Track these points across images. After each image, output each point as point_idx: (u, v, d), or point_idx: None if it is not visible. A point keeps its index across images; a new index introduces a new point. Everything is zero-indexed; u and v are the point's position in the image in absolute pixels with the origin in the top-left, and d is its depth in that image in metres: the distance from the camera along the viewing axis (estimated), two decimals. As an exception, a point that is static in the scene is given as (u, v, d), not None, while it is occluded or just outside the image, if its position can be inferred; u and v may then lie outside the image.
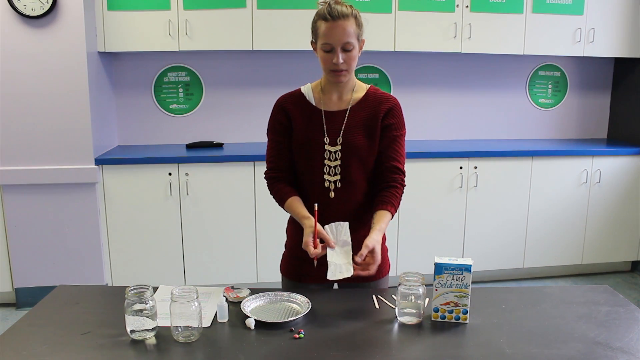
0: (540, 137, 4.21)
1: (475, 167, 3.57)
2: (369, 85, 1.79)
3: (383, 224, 1.65)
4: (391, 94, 4.02)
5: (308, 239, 1.59)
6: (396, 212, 1.70)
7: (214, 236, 3.43)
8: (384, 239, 1.77)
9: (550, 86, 4.17)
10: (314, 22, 1.66)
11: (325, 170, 1.73)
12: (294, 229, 1.80)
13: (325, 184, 1.73)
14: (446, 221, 3.62)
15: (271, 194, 1.79)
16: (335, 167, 1.72)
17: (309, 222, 1.63)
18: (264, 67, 3.81)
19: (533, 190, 3.67)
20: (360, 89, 1.77)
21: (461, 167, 3.55)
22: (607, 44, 3.80)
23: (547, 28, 3.69)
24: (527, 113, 4.18)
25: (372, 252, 1.55)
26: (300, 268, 1.79)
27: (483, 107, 4.11)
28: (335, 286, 1.84)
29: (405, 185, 1.75)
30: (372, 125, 1.71)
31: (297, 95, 1.77)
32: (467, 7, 3.57)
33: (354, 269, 1.55)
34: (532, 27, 3.67)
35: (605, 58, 4.13)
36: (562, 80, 4.18)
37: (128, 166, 3.29)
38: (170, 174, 3.32)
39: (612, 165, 3.73)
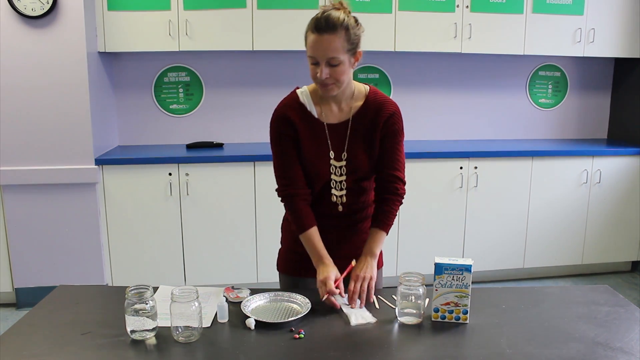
0: (540, 137, 4.21)
1: (476, 167, 3.57)
2: (368, 88, 1.73)
3: (376, 248, 1.68)
4: (392, 94, 4.03)
5: (330, 275, 1.57)
6: (391, 227, 1.72)
7: (214, 236, 3.43)
8: None
9: (550, 86, 4.17)
10: (305, 32, 1.60)
11: (332, 185, 1.72)
12: (290, 225, 1.80)
13: (333, 199, 1.73)
14: (446, 221, 3.62)
15: (290, 213, 1.72)
16: (341, 182, 1.71)
17: (325, 269, 1.61)
18: (264, 67, 3.81)
19: (533, 190, 3.67)
20: (359, 95, 1.71)
21: (461, 167, 3.55)
22: (607, 44, 3.80)
23: (547, 28, 3.69)
24: (527, 113, 4.18)
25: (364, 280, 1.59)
26: (299, 263, 1.79)
27: (483, 107, 4.11)
28: None
29: (404, 195, 1.74)
30: (372, 135, 1.69)
31: (298, 104, 1.70)
32: (467, 7, 3.57)
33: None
34: (532, 27, 3.67)
35: (605, 58, 4.13)
36: (562, 80, 4.18)
37: (128, 166, 3.29)
38: (170, 174, 3.32)
39: (612, 166, 3.73)
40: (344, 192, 1.71)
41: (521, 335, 1.40)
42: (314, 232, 1.68)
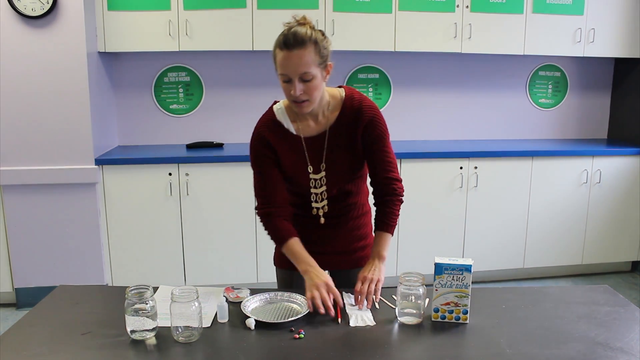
0: (540, 137, 4.21)
1: (476, 168, 3.57)
2: (343, 95, 1.69)
3: (383, 251, 1.66)
4: (392, 94, 4.00)
5: (329, 280, 1.54)
6: (394, 228, 1.72)
7: (214, 236, 3.43)
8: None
9: (550, 86, 4.17)
10: (273, 50, 1.57)
11: (312, 199, 1.73)
12: None
13: (314, 212, 1.74)
14: (446, 221, 3.62)
15: (267, 231, 1.71)
16: (321, 193, 1.72)
17: (320, 272, 1.57)
18: (264, 67, 3.80)
19: (533, 190, 3.67)
20: (335, 105, 1.68)
21: (461, 168, 3.55)
22: (607, 44, 3.80)
23: (547, 28, 3.69)
24: (527, 113, 4.18)
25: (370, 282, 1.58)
26: None
27: (483, 107, 4.11)
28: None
29: (403, 193, 1.73)
30: (352, 142, 1.68)
31: (274, 123, 1.69)
32: (467, 7, 3.57)
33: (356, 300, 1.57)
34: (532, 27, 3.67)
35: (605, 58, 4.13)
36: (562, 80, 4.18)
37: (128, 166, 3.29)
38: (170, 174, 3.32)
39: (612, 166, 3.73)
40: (324, 202, 1.72)
41: (521, 335, 1.40)
42: (295, 242, 1.66)
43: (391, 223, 1.70)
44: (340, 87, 1.73)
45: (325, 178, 1.70)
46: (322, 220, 1.74)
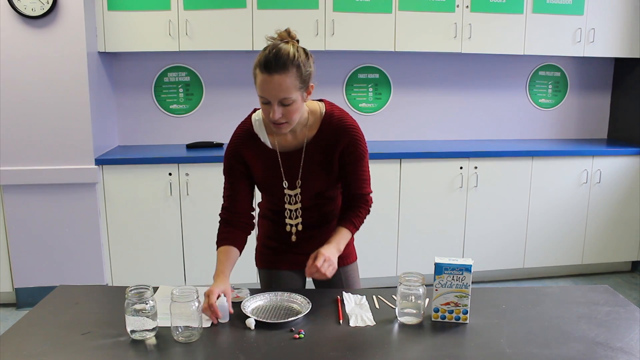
0: (540, 137, 4.21)
1: (476, 168, 3.57)
2: (323, 111, 1.66)
3: (342, 244, 1.62)
4: (392, 94, 3.99)
5: (214, 290, 1.48)
6: (356, 231, 1.70)
7: (214, 236, 3.41)
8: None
9: (550, 86, 4.17)
10: (253, 69, 1.51)
11: (286, 215, 1.72)
12: (265, 222, 1.83)
13: (287, 228, 1.73)
14: (446, 221, 3.62)
15: (217, 234, 1.73)
16: (296, 210, 1.71)
17: (214, 283, 1.53)
18: (264, 67, 3.80)
19: (533, 191, 3.67)
20: (314, 122, 1.66)
21: (461, 167, 3.55)
22: (607, 44, 3.80)
23: (547, 28, 3.69)
24: (527, 113, 4.18)
25: (318, 258, 1.54)
26: (273, 256, 1.81)
27: (483, 107, 4.11)
28: (311, 282, 1.84)
29: (371, 205, 1.72)
30: (329, 160, 1.66)
31: (251, 136, 1.69)
32: (467, 7, 3.57)
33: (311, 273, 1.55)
34: (532, 27, 3.67)
35: (605, 58, 4.13)
36: (562, 80, 4.18)
37: (128, 166, 3.29)
38: (170, 174, 3.32)
39: (612, 165, 3.73)
40: (299, 220, 1.71)
41: (521, 335, 1.40)
42: (224, 250, 1.66)
43: (356, 223, 1.68)
44: (321, 100, 1.70)
45: (301, 195, 1.69)
46: (294, 238, 1.74)
